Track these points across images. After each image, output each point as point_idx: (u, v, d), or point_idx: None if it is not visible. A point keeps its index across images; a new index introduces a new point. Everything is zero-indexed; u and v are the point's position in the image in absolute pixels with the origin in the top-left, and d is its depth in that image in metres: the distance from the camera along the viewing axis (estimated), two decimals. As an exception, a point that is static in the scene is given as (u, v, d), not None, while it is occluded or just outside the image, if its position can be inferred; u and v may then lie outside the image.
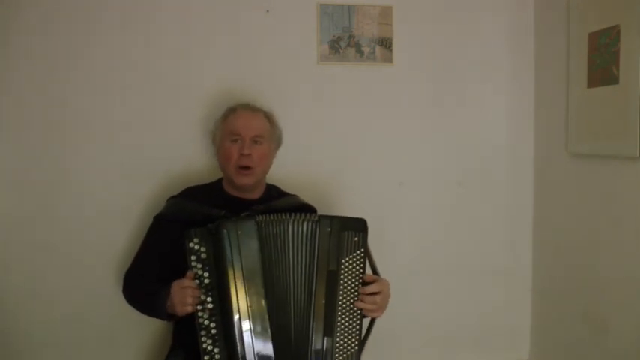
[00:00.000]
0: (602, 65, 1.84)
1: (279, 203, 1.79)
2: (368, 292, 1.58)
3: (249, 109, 1.84)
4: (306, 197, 1.90)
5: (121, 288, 1.81)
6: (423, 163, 2.21)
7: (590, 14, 1.89)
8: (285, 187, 1.93)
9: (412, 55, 2.16)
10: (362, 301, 1.58)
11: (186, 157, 2.02)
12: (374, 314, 1.61)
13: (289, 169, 1.99)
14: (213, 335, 1.51)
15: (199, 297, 1.52)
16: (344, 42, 2.11)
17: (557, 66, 2.07)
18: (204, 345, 1.50)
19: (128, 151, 1.99)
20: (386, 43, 2.14)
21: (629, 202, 1.77)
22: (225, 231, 1.53)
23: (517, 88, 2.24)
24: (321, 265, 1.57)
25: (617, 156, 1.80)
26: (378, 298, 1.59)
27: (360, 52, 2.12)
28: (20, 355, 1.96)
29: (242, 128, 1.77)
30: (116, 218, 1.99)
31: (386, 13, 2.13)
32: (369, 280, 1.60)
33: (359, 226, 1.59)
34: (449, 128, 2.21)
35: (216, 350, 1.50)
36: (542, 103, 2.21)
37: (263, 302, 1.53)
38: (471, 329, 2.25)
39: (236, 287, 1.52)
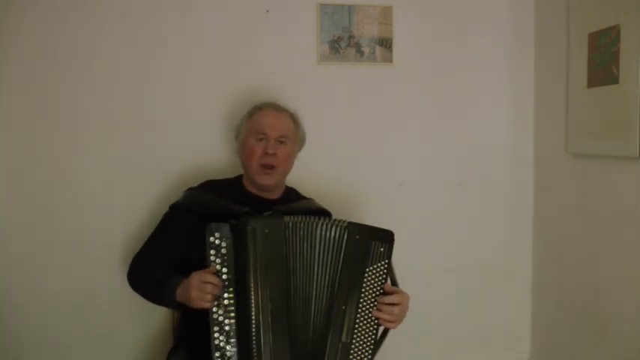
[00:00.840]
0: (602, 65, 1.84)
1: (298, 205, 1.78)
2: (387, 302, 1.58)
3: (276, 108, 1.83)
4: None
5: (121, 288, 1.80)
6: (423, 163, 2.21)
7: (590, 14, 1.89)
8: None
9: (412, 55, 2.16)
10: (380, 310, 1.58)
11: (183, 159, 2.01)
12: (390, 325, 1.60)
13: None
14: (227, 332, 1.49)
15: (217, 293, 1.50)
16: (344, 42, 2.11)
17: (557, 66, 2.07)
18: (216, 342, 1.48)
19: (128, 152, 1.99)
20: (386, 43, 2.13)
21: (629, 202, 1.77)
22: (250, 227, 1.50)
23: (517, 88, 2.24)
24: (346, 271, 1.56)
25: (617, 156, 1.80)
26: (396, 309, 1.58)
27: (360, 52, 2.12)
28: (20, 356, 1.96)
29: (268, 128, 1.76)
30: (117, 218, 1.98)
31: (386, 13, 2.13)
32: (389, 291, 1.59)
33: (386, 237, 1.59)
34: (449, 128, 2.21)
35: (228, 347, 1.49)
36: (542, 103, 2.21)
37: (283, 303, 1.52)
38: (471, 329, 2.25)
39: (257, 285, 1.50)
